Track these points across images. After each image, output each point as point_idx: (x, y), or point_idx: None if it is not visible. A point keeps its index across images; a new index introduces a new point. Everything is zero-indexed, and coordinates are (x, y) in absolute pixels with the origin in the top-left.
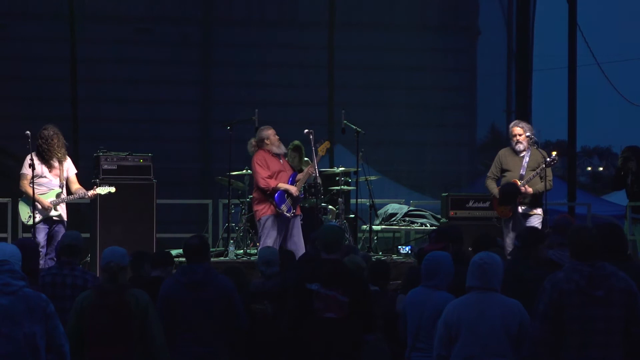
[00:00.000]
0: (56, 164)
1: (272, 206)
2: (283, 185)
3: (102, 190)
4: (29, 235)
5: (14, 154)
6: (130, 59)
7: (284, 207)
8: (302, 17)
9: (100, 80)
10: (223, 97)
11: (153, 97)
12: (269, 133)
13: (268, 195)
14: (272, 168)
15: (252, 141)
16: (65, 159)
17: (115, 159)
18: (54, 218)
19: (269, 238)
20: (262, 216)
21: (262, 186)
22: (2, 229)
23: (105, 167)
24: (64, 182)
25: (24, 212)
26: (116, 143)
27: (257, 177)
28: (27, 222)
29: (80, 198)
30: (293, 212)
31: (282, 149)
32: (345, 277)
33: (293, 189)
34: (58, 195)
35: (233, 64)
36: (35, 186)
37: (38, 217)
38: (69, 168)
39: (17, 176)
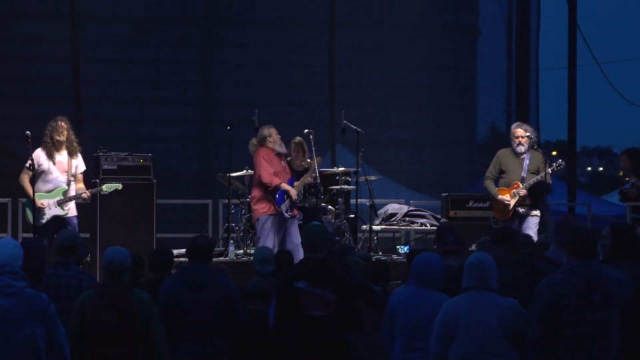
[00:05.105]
0: (64, 159)
1: (271, 206)
2: (285, 186)
3: (108, 187)
4: (29, 235)
5: (14, 154)
6: (130, 59)
7: (283, 207)
8: (302, 17)
9: (100, 80)
10: (223, 97)
11: (153, 97)
12: (271, 131)
13: (269, 192)
14: (274, 166)
15: (254, 140)
16: (76, 155)
17: (115, 159)
18: (60, 217)
19: (268, 239)
20: (260, 216)
21: (266, 181)
22: (2, 229)
23: (105, 167)
24: (72, 179)
25: (30, 216)
26: (116, 143)
27: (262, 171)
28: (39, 221)
29: (77, 198)
30: (290, 214)
31: (283, 149)
32: (333, 275)
33: (293, 192)
34: (65, 193)
35: (233, 64)
36: (41, 183)
37: (45, 219)
38: (78, 165)
39: (18, 175)
